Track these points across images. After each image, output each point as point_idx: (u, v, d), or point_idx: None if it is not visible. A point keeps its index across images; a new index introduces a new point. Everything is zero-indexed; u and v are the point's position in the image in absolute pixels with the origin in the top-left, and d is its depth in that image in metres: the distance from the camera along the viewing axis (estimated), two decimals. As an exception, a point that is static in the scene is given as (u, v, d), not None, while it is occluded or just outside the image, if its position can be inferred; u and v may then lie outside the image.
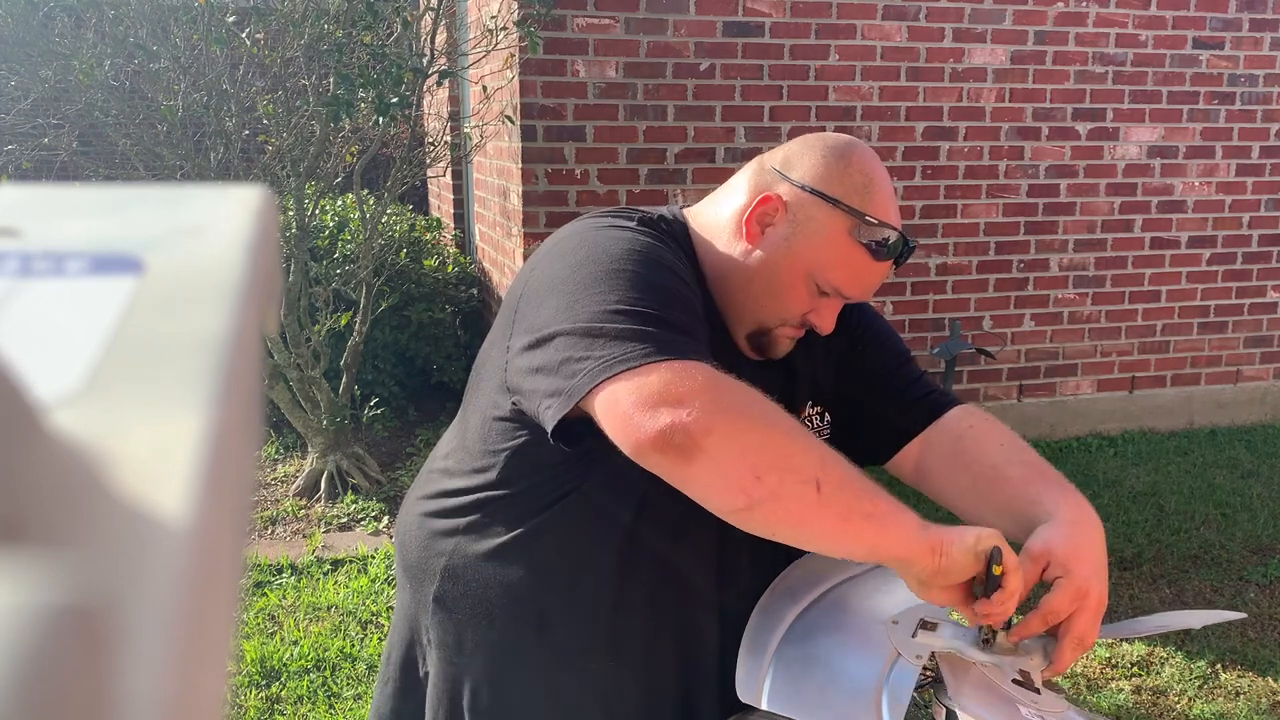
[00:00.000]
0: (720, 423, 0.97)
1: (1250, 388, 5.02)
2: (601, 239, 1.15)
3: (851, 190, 1.20)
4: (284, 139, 3.89)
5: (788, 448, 0.99)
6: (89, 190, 0.30)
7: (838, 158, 1.21)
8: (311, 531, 3.78)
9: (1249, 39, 4.64)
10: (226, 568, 0.22)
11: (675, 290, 1.12)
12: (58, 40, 3.82)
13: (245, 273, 0.27)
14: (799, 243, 1.20)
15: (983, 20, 4.31)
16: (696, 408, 0.97)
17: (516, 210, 4.12)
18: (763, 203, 1.21)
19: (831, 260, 1.20)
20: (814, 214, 1.20)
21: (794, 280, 1.21)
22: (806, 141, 1.25)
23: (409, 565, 1.34)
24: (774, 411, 1.02)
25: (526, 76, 3.91)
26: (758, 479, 0.97)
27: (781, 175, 1.22)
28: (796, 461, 0.99)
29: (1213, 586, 3.40)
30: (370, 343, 4.58)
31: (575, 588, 1.22)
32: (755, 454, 0.98)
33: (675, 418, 0.96)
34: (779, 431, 1.00)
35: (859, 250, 1.20)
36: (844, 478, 1.01)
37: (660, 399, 0.98)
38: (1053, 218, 4.59)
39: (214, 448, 0.22)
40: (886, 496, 1.03)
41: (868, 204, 1.20)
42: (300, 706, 2.73)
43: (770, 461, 0.98)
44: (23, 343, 0.24)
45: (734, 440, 0.98)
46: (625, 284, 1.08)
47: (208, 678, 0.20)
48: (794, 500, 0.98)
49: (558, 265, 1.14)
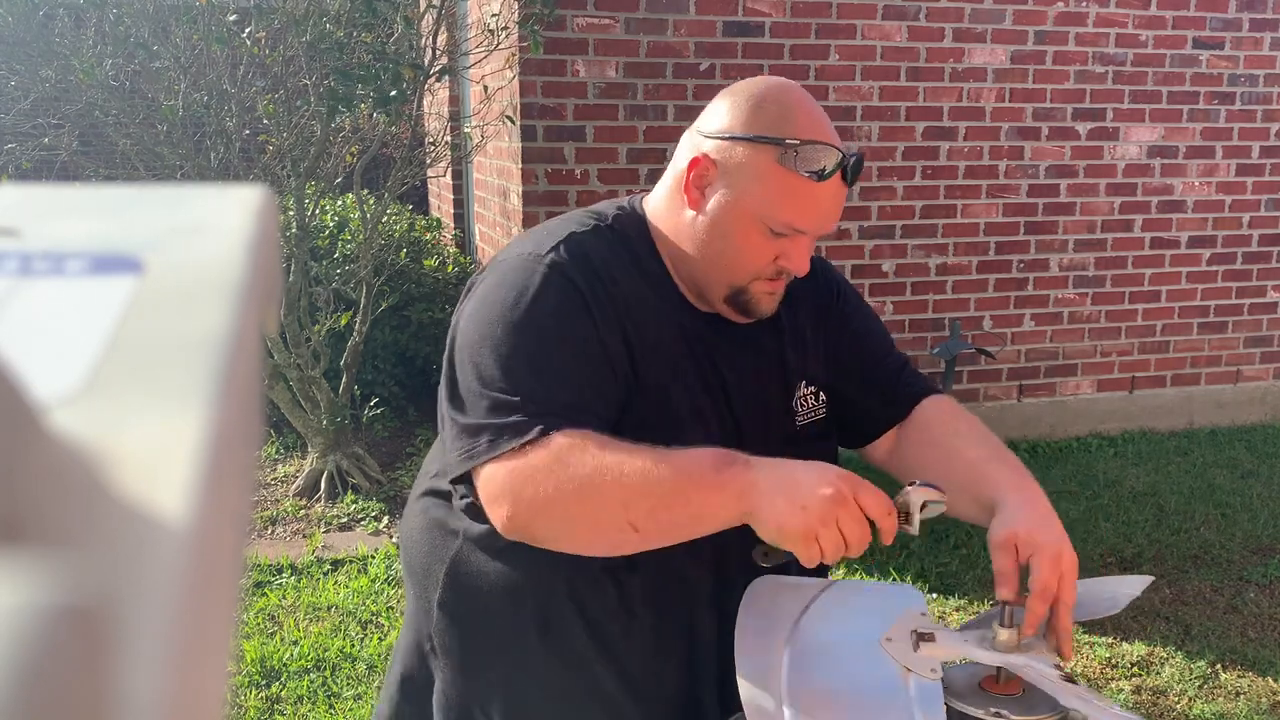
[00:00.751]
0: (533, 515, 1.09)
1: (1250, 388, 5.02)
2: (503, 289, 1.20)
3: (767, 122, 1.19)
4: (284, 139, 3.89)
5: (596, 511, 1.09)
6: (89, 190, 0.30)
7: (747, 99, 1.21)
8: (311, 531, 3.78)
9: (1249, 39, 4.64)
10: (226, 568, 0.22)
11: (544, 355, 1.17)
12: (58, 40, 3.82)
13: (245, 273, 0.27)
14: (736, 192, 1.20)
15: (983, 20, 4.31)
16: (509, 504, 1.10)
17: (516, 210, 4.12)
18: (693, 166, 1.22)
19: (771, 196, 1.18)
20: (739, 159, 1.19)
21: (746, 230, 1.20)
22: (720, 94, 1.26)
23: (413, 569, 1.34)
24: (570, 474, 1.08)
25: (527, 76, 3.91)
26: (589, 545, 1.14)
27: (703, 135, 1.23)
28: (605, 521, 1.09)
29: (1213, 586, 3.40)
30: (370, 343, 4.58)
31: (577, 590, 1.22)
32: (572, 531, 1.12)
33: (503, 516, 1.11)
34: (579, 498, 1.08)
35: (794, 176, 1.17)
36: (652, 503, 1.07)
37: (489, 499, 1.12)
38: (1053, 218, 4.59)
39: (214, 448, 0.22)
40: (697, 478, 1.07)
41: (786, 129, 1.18)
42: (300, 706, 2.73)
43: (588, 530, 1.11)
44: (23, 343, 0.24)
45: (551, 527, 1.11)
46: (491, 357, 1.16)
47: (208, 678, 0.20)
48: (625, 545, 1.11)
49: (470, 303, 1.23)
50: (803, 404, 1.33)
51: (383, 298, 4.43)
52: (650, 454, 1.08)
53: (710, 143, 1.21)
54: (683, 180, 1.23)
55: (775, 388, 1.32)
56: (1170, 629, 3.13)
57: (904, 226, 4.41)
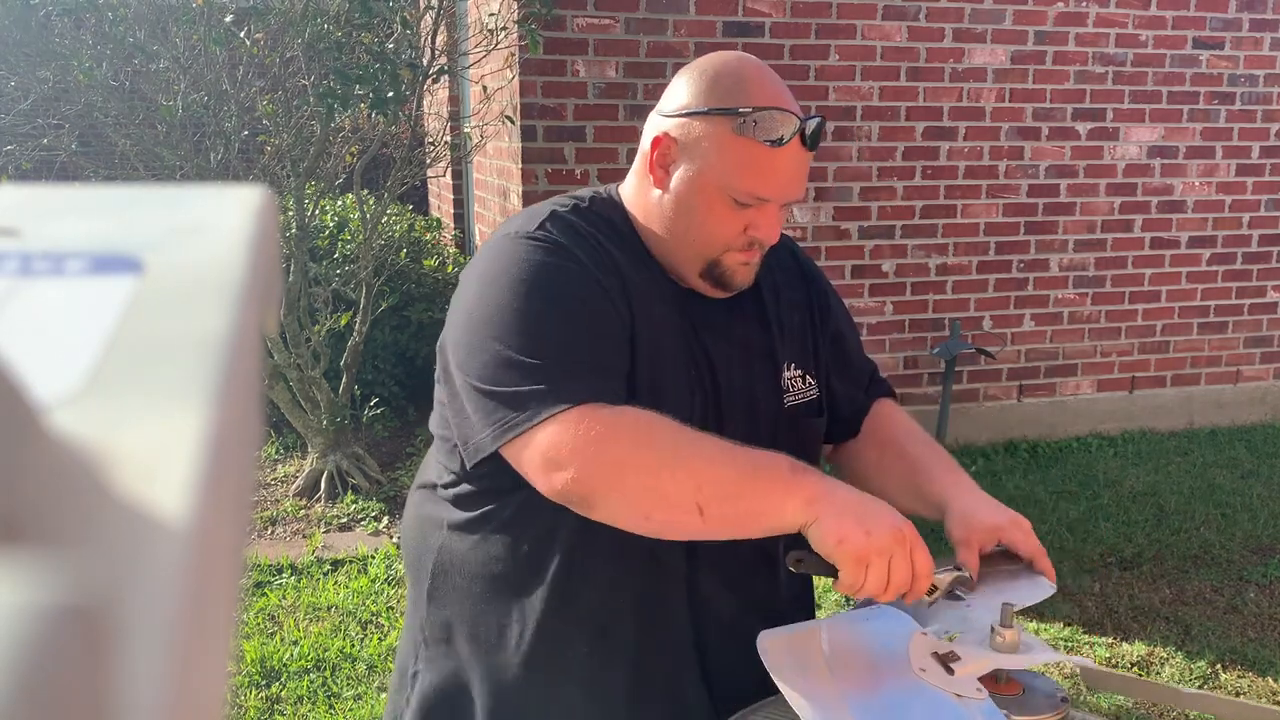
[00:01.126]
0: (598, 481, 1.08)
1: (1250, 388, 5.02)
2: (501, 265, 1.19)
3: (720, 94, 1.20)
4: (284, 139, 3.89)
5: (665, 485, 1.08)
6: (89, 190, 0.30)
7: (701, 74, 1.23)
8: (311, 531, 3.78)
9: (1249, 39, 4.64)
10: (226, 568, 0.22)
11: (563, 319, 1.16)
12: (57, 41, 3.82)
13: (245, 273, 0.27)
14: (696, 166, 1.21)
15: (983, 20, 4.31)
16: (576, 468, 1.07)
17: (516, 210, 4.12)
18: (655, 145, 1.23)
19: (731, 166, 1.19)
20: (696, 133, 1.21)
21: (710, 203, 1.22)
22: (678, 73, 1.27)
23: (409, 563, 1.36)
24: (652, 445, 1.08)
25: (526, 76, 3.91)
26: (647, 519, 1.10)
27: (663, 115, 1.25)
28: (674, 497, 1.08)
29: (1213, 586, 3.40)
30: (370, 343, 4.58)
31: (554, 572, 1.23)
32: (637, 500, 1.09)
33: (563, 481, 1.08)
34: (655, 470, 1.08)
35: (751, 144, 1.18)
36: (724, 490, 1.08)
37: (548, 463, 1.09)
38: (1053, 218, 4.59)
39: (214, 448, 0.22)
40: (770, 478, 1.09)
41: (741, 99, 1.19)
42: (300, 706, 2.73)
43: (652, 503, 1.09)
44: (23, 343, 0.24)
45: (615, 493, 1.09)
46: (514, 328, 1.15)
47: (208, 678, 0.20)
48: (683, 527, 1.10)
49: (467, 290, 1.22)
50: (792, 385, 1.35)
51: (383, 298, 4.43)
52: (722, 442, 1.10)
53: (670, 121, 1.23)
54: (647, 161, 1.25)
55: (761, 367, 1.33)
56: (1170, 629, 3.13)
57: (904, 226, 4.41)
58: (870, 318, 4.43)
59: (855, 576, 1.07)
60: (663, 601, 1.27)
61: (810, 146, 1.21)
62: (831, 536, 1.06)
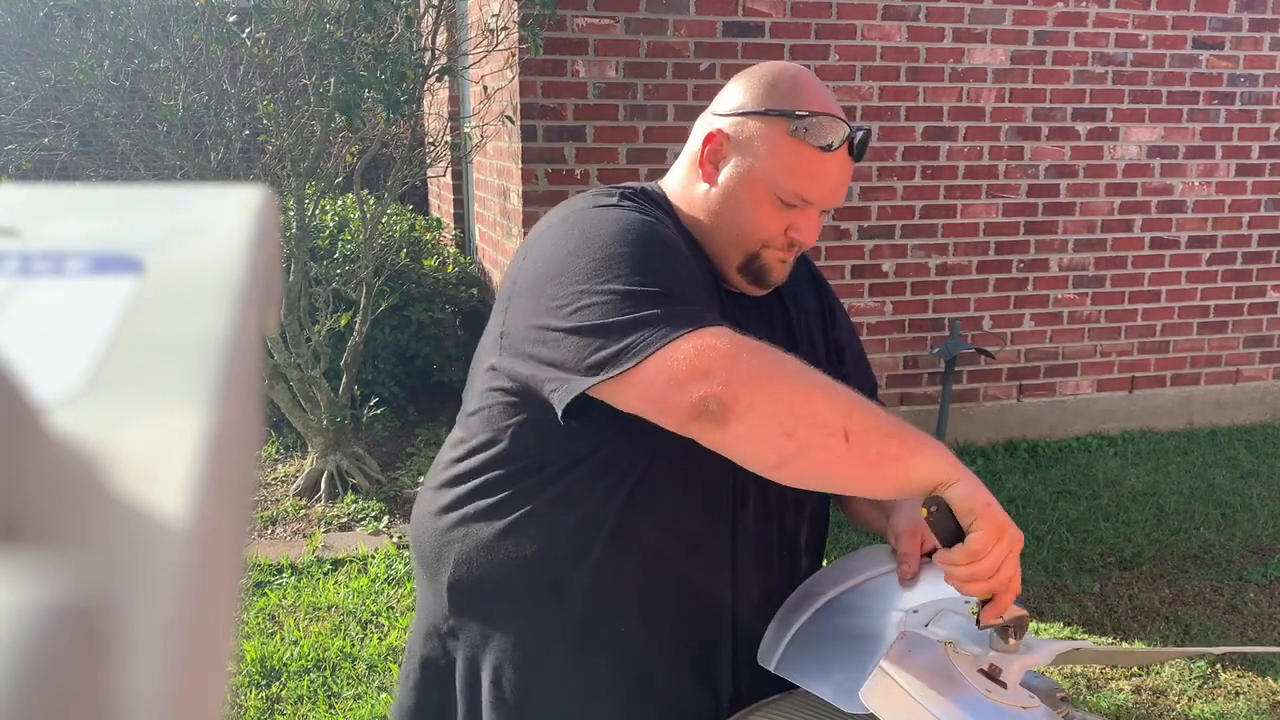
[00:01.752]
0: (748, 388, 1.03)
1: (1250, 388, 5.02)
2: (593, 222, 1.19)
3: (777, 96, 1.25)
4: (284, 139, 3.89)
5: (815, 402, 1.05)
6: (89, 190, 0.30)
7: (760, 78, 1.28)
8: (311, 531, 3.78)
9: (1249, 39, 4.64)
10: (226, 568, 0.22)
11: (673, 260, 1.17)
12: (58, 40, 3.82)
13: (245, 273, 0.27)
14: (749, 162, 1.25)
15: (983, 20, 4.31)
16: (723, 377, 1.03)
17: (516, 210, 4.12)
18: (707, 141, 1.28)
19: (782, 166, 1.24)
20: (752, 131, 1.25)
21: (757, 199, 1.25)
22: (734, 77, 1.32)
23: (424, 559, 1.35)
24: (797, 367, 1.07)
25: (526, 76, 3.91)
26: (789, 436, 1.04)
27: (717, 114, 1.30)
28: (824, 415, 1.04)
29: (1212, 586, 3.40)
30: (370, 343, 4.58)
31: (589, 554, 1.23)
32: (784, 412, 1.04)
33: (707, 389, 1.03)
34: (804, 386, 1.06)
35: (803, 147, 1.23)
36: (871, 423, 1.06)
37: (690, 373, 1.04)
38: (1053, 218, 4.59)
39: (214, 448, 0.22)
40: (914, 432, 1.09)
41: (796, 102, 1.24)
42: (300, 706, 2.73)
43: (799, 417, 1.04)
44: (23, 343, 0.24)
45: (763, 402, 1.04)
46: (626, 266, 1.13)
47: (208, 678, 0.20)
48: (823, 450, 1.04)
49: (554, 253, 1.19)
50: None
51: (383, 298, 4.43)
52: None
53: (724, 120, 1.28)
54: (698, 156, 1.29)
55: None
56: (1170, 629, 3.13)
57: (904, 226, 4.41)
58: (870, 318, 4.43)
59: (987, 543, 1.05)
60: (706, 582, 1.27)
61: (856, 157, 1.26)
62: (979, 498, 1.06)
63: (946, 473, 1.07)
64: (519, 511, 1.24)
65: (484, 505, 1.27)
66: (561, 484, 1.22)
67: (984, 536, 1.06)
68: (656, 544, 1.24)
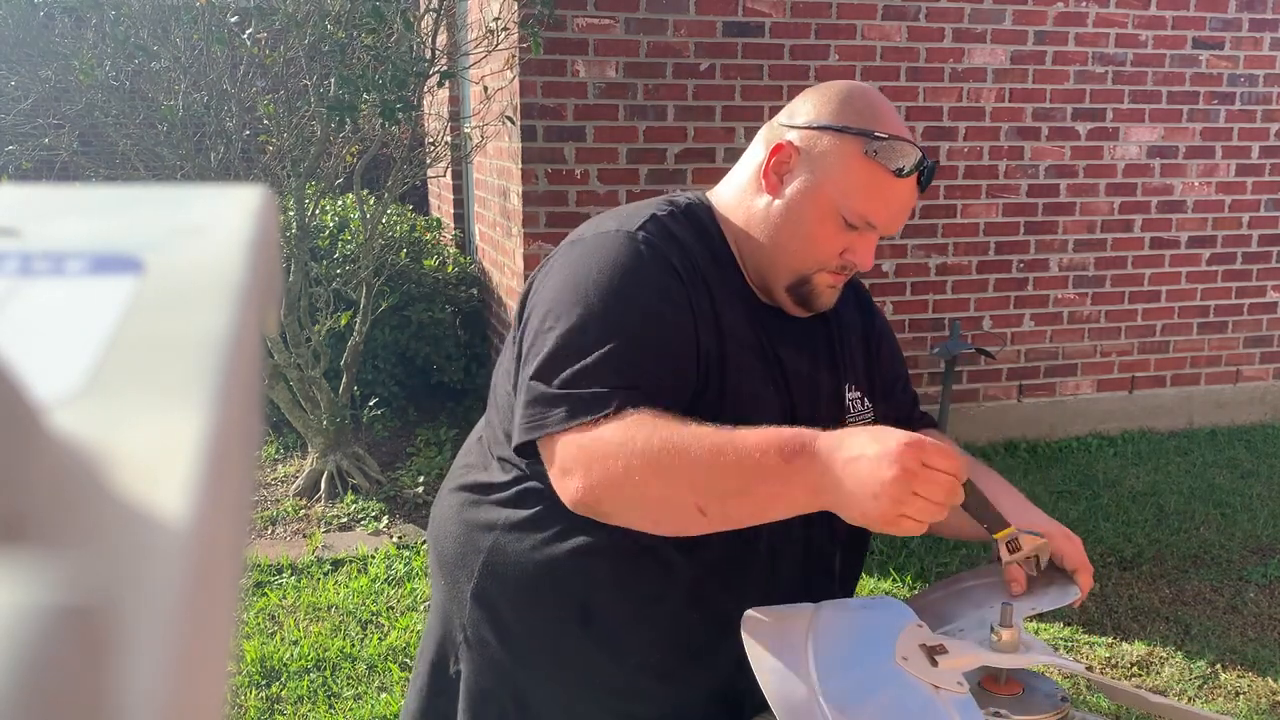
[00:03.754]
0: (603, 490, 1.08)
1: (1250, 388, 5.02)
2: (588, 256, 1.20)
3: (855, 115, 1.23)
4: (285, 139, 3.89)
5: (664, 491, 1.08)
6: (89, 190, 0.30)
7: (836, 92, 1.25)
8: (311, 531, 3.78)
9: (1249, 39, 4.64)
10: (226, 568, 0.22)
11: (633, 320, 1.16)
12: (58, 40, 3.82)
13: (245, 273, 0.27)
14: (818, 177, 1.23)
15: (983, 20, 4.31)
16: (581, 478, 1.09)
17: (516, 210, 4.12)
18: (775, 152, 1.24)
19: (852, 186, 1.22)
20: (825, 147, 1.23)
21: (821, 217, 1.23)
22: (805, 92, 1.29)
23: (445, 561, 1.33)
24: (644, 454, 1.07)
25: (526, 76, 3.91)
26: (657, 524, 1.13)
27: (787, 125, 1.26)
28: (675, 502, 1.09)
29: (1212, 586, 3.40)
30: (370, 343, 4.58)
31: (621, 580, 1.22)
32: (642, 508, 1.11)
33: (572, 490, 1.10)
34: (649, 479, 1.07)
35: (877, 169, 1.21)
36: (718, 488, 1.07)
37: (560, 471, 1.12)
38: (1053, 218, 4.59)
39: (214, 448, 0.22)
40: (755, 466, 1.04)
41: (875, 123, 1.22)
42: (300, 706, 2.73)
43: (656, 509, 1.11)
44: (23, 343, 0.24)
45: (620, 500, 1.09)
46: (574, 328, 1.15)
47: (208, 678, 0.20)
48: (693, 527, 1.10)
49: (551, 283, 1.22)
50: (854, 405, 1.36)
51: (383, 298, 4.43)
52: (719, 437, 1.06)
53: (795, 132, 1.25)
54: (762, 167, 1.26)
55: (828, 386, 1.34)
56: (1170, 629, 3.13)
57: (904, 226, 4.40)
58: (870, 318, 4.43)
59: (902, 532, 1.02)
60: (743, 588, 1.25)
61: (923, 186, 1.24)
62: (855, 517, 1.02)
63: (817, 504, 1.04)
64: (550, 530, 1.22)
65: (516, 518, 1.25)
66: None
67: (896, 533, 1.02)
68: (691, 574, 1.22)
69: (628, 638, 1.24)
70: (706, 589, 1.23)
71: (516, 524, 1.25)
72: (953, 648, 1.14)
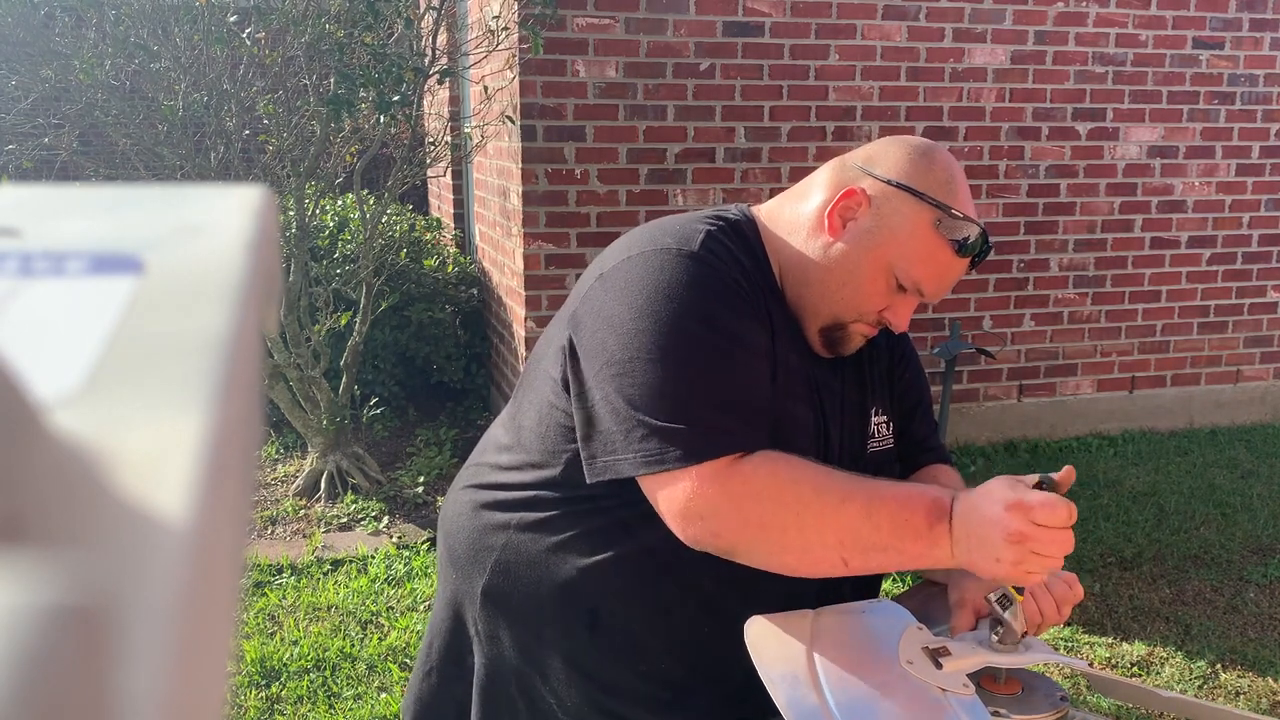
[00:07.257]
0: (739, 535, 1.10)
1: (1250, 388, 5.02)
2: (666, 280, 1.16)
3: (936, 185, 1.22)
4: (284, 139, 3.89)
5: (809, 539, 1.09)
6: (89, 190, 0.30)
7: (921, 155, 1.24)
8: (311, 531, 3.78)
9: (1249, 39, 4.64)
10: (226, 568, 0.22)
11: (726, 352, 1.15)
12: (58, 40, 3.82)
13: (245, 273, 0.27)
14: (883, 235, 1.22)
15: (983, 20, 4.31)
16: (714, 525, 1.09)
17: (516, 210, 4.12)
18: (846, 196, 1.23)
19: (915, 254, 1.22)
20: (899, 207, 1.22)
21: (875, 273, 1.23)
22: (889, 140, 1.28)
23: (456, 556, 1.33)
24: (792, 504, 1.09)
25: (527, 76, 3.91)
26: (792, 569, 1.13)
27: (865, 171, 1.25)
28: (819, 550, 1.10)
29: (1213, 586, 3.40)
30: (370, 343, 4.58)
31: (635, 590, 1.22)
32: (780, 553, 1.12)
33: (704, 533, 1.10)
34: (796, 529, 1.09)
35: (942, 244, 1.21)
36: (864, 544, 1.09)
37: (688, 512, 1.10)
38: (1053, 218, 4.59)
39: (214, 448, 0.22)
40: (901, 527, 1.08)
41: (952, 199, 1.22)
42: (300, 706, 2.73)
43: (797, 556, 1.12)
44: (23, 343, 0.24)
45: (758, 547, 1.11)
46: (674, 358, 1.13)
47: (208, 678, 0.20)
48: (829, 572, 1.13)
49: (617, 300, 1.17)
50: (878, 430, 1.36)
51: (383, 298, 4.43)
52: (868, 492, 1.10)
53: (870, 180, 1.24)
54: (829, 205, 1.24)
55: (856, 409, 1.34)
56: (1170, 629, 3.13)
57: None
58: (870, 318, 4.43)
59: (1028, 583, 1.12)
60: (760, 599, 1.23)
61: (974, 265, 1.26)
62: (986, 576, 1.09)
63: (956, 565, 1.09)
64: (567, 534, 1.22)
65: (531, 520, 1.24)
66: (615, 515, 1.20)
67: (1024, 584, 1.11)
68: (709, 588, 1.22)
69: (639, 645, 1.23)
70: (725, 602, 1.22)
71: (530, 525, 1.24)
72: (955, 649, 1.14)
